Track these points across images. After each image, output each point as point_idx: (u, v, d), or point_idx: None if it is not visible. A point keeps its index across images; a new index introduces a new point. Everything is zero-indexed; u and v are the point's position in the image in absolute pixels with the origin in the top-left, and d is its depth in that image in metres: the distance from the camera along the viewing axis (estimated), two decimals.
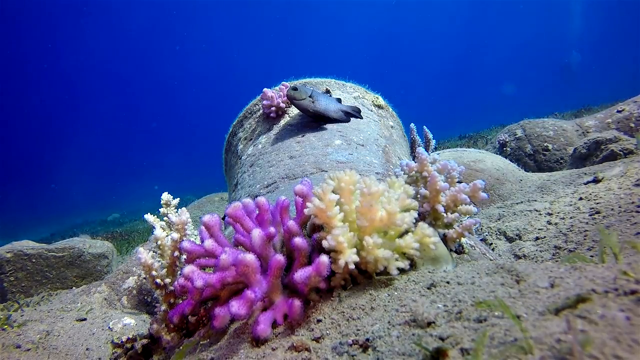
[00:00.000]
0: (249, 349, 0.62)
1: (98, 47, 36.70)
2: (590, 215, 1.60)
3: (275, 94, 1.88)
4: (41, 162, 37.93)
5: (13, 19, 29.69)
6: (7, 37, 30.33)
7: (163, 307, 0.83)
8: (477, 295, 0.54)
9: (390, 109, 2.14)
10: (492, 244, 1.86)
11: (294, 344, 0.58)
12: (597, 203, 1.63)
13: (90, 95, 40.81)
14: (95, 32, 34.78)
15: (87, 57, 37.18)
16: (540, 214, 1.84)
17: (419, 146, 2.42)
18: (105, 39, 36.07)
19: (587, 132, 3.33)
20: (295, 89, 1.63)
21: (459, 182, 0.94)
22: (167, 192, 1.72)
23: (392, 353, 0.49)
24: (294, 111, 1.89)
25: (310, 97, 1.63)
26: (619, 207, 1.52)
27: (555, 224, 1.71)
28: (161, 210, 1.70)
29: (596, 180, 1.81)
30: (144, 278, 2.32)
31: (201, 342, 0.72)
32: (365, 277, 0.71)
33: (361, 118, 1.79)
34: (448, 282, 0.61)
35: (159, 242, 0.86)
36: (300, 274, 0.64)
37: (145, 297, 2.29)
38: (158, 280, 0.83)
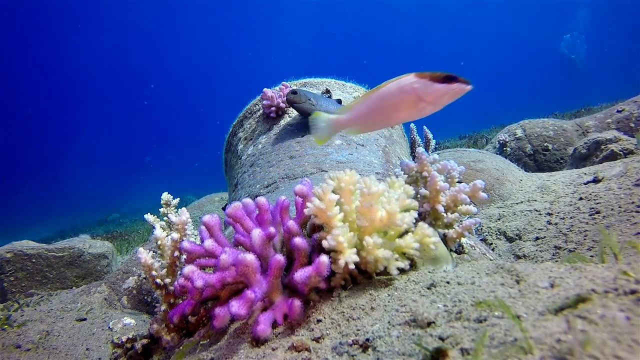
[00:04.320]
0: (249, 349, 0.62)
1: (99, 46, 36.74)
2: (590, 215, 1.60)
3: (275, 94, 1.88)
4: (41, 162, 37.96)
5: (19, 17, 29.76)
6: (11, 35, 30.38)
7: (163, 307, 0.83)
8: (477, 295, 0.54)
9: None
10: (492, 244, 1.86)
11: (294, 344, 0.58)
12: (597, 203, 1.63)
13: (90, 95, 40.84)
14: (97, 31, 34.82)
15: (88, 56, 37.23)
16: (540, 214, 1.84)
17: (419, 146, 2.42)
18: (107, 38, 36.12)
19: (587, 132, 3.33)
20: (294, 92, 1.62)
21: (459, 182, 0.94)
22: (167, 192, 1.72)
23: (392, 353, 0.49)
24: (294, 111, 1.89)
25: (309, 100, 1.63)
26: (619, 207, 1.52)
27: (555, 224, 1.71)
28: (161, 210, 1.70)
29: (596, 180, 1.81)
30: (144, 278, 2.32)
31: (201, 342, 0.72)
32: (365, 277, 0.71)
33: None
34: (448, 282, 0.61)
35: (159, 242, 0.86)
36: (300, 274, 0.64)
37: (145, 297, 2.29)
38: (158, 280, 0.83)
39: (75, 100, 41.08)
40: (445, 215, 0.89)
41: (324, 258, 0.63)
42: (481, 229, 1.98)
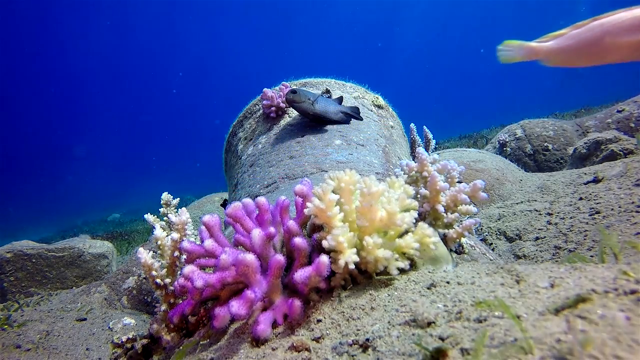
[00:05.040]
0: (249, 349, 0.62)
1: (103, 47, 36.80)
2: (590, 215, 1.60)
3: (275, 94, 1.88)
4: (41, 162, 37.97)
5: (30, 16, 29.81)
6: (17, 34, 30.42)
7: (163, 307, 0.83)
8: (477, 295, 0.54)
9: (390, 109, 2.14)
10: (492, 244, 1.86)
11: (294, 344, 0.58)
12: (597, 203, 1.63)
13: (91, 95, 40.88)
14: (103, 31, 34.88)
15: (90, 56, 37.26)
16: (540, 214, 1.84)
17: (419, 146, 2.42)
18: (111, 38, 36.19)
19: (587, 132, 3.34)
20: (294, 92, 1.62)
21: (459, 182, 0.94)
22: (167, 192, 1.72)
23: (392, 353, 0.49)
24: (294, 111, 1.89)
25: (309, 99, 1.63)
26: (619, 207, 1.52)
27: (555, 224, 1.71)
28: (161, 210, 1.70)
29: (596, 180, 1.81)
30: (144, 278, 2.32)
31: (201, 342, 0.72)
32: (365, 277, 0.71)
33: (361, 119, 1.79)
34: (448, 282, 0.61)
35: (159, 242, 0.86)
36: (300, 274, 0.64)
37: (145, 297, 2.29)
38: (158, 280, 0.83)
39: (76, 100, 41.12)
40: (445, 215, 0.89)
41: (324, 258, 0.63)
42: (481, 229, 1.98)
